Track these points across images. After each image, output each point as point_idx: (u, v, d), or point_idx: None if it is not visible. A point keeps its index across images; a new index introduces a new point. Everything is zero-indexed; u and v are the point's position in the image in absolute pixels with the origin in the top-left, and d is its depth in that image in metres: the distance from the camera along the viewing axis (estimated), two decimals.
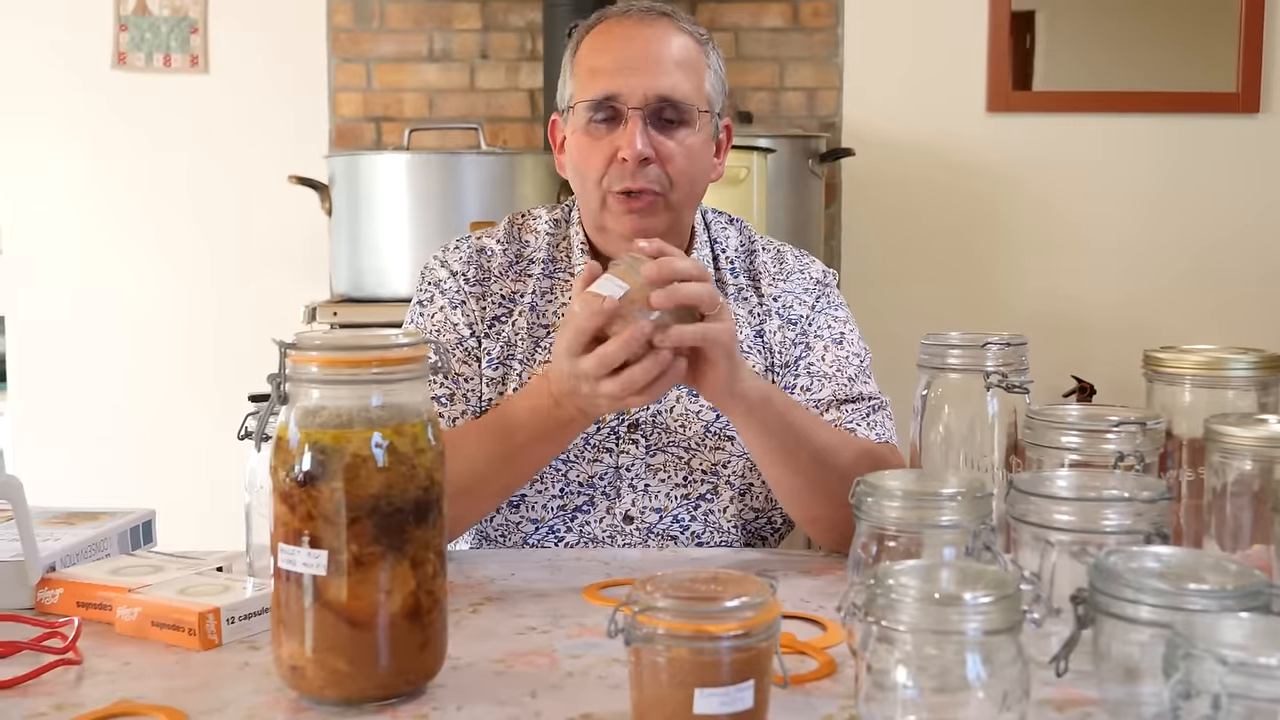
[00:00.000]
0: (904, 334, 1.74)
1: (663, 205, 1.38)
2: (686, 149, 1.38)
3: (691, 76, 1.38)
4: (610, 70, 1.37)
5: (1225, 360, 1.14)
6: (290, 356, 0.91)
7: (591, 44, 1.41)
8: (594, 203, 1.40)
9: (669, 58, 1.37)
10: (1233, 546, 1.00)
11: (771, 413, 1.25)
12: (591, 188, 1.39)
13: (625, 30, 1.39)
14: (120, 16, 3.18)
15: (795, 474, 1.29)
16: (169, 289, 3.24)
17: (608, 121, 1.37)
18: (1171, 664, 0.69)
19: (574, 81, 1.41)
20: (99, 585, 1.10)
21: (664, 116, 1.37)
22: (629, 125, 1.35)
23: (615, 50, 1.38)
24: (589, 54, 1.40)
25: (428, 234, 2.71)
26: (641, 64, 1.36)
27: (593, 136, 1.38)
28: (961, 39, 3.20)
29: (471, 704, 0.91)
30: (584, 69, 1.39)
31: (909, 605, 0.76)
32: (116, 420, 3.25)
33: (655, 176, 1.36)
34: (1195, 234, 3.24)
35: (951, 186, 3.22)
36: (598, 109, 1.37)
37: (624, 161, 1.35)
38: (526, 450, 1.26)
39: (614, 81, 1.36)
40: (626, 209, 1.37)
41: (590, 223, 1.44)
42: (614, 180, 1.37)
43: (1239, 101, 3.20)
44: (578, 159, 1.40)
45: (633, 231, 1.36)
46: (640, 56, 1.37)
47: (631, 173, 1.35)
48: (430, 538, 0.92)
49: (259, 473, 1.15)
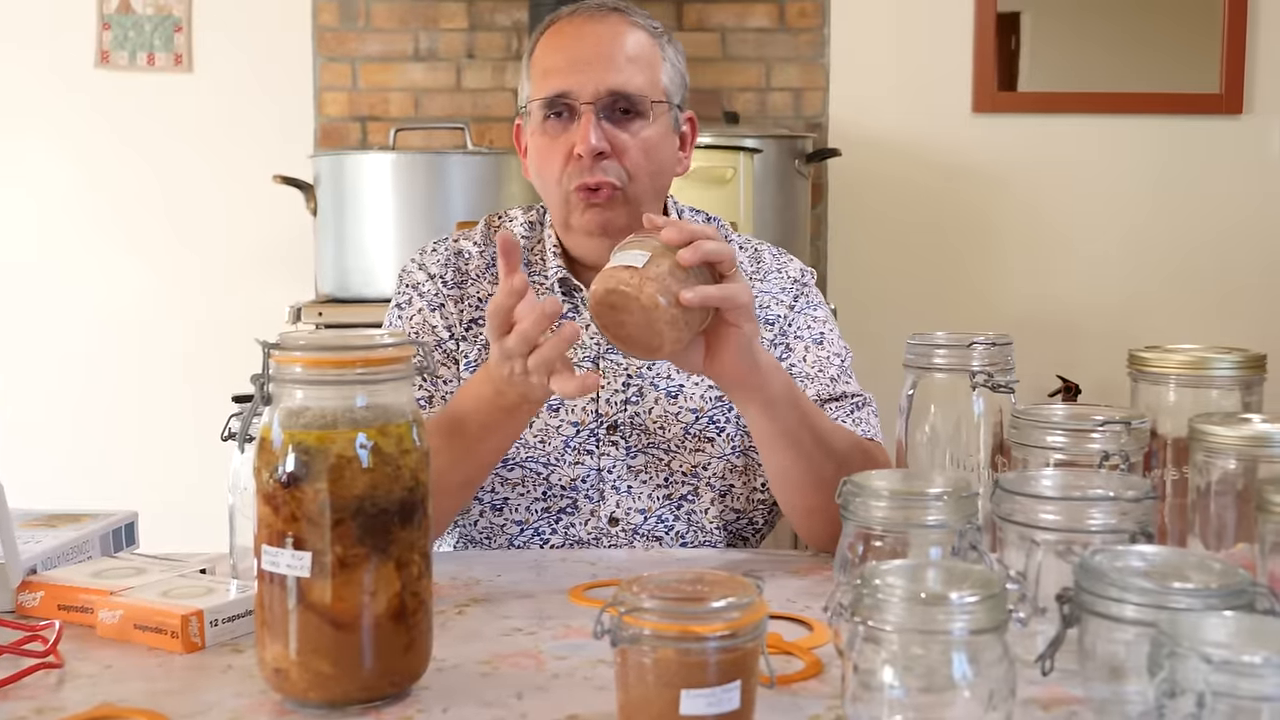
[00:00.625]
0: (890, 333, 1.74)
1: (621, 199, 1.37)
2: (642, 141, 1.37)
3: (645, 69, 1.38)
4: (562, 68, 1.37)
5: (1209, 360, 1.14)
6: (274, 357, 0.90)
7: (545, 44, 1.41)
8: (557, 201, 1.40)
9: (620, 52, 1.37)
10: (1217, 545, 1.00)
11: (784, 390, 1.24)
12: (553, 187, 1.39)
13: (576, 28, 1.40)
14: (104, 15, 3.17)
15: (800, 460, 1.27)
16: (152, 289, 3.22)
17: (561, 119, 1.37)
18: (1156, 662, 0.69)
19: (529, 83, 1.41)
20: (80, 588, 1.09)
21: (618, 109, 1.36)
22: (582, 121, 1.35)
23: (566, 49, 1.38)
24: (542, 55, 1.40)
25: (413, 234, 2.70)
26: (592, 60, 1.36)
27: (549, 135, 1.38)
28: (947, 39, 3.21)
29: (457, 706, 0.91)
30: (538, 70, 1.40)
31: (895, 605, 0.76)
32: (98, 421, 3.23)
33: (613, 171, 1.36)
34: (1179, 234, 3.25)
35: (937, 187, 3.23)
36: (550, 106, 1.37)
37: (579, 158, 1.35)
38: (478, 442, 1.26)
39: (565, 79, 1.36)
40: (586, 203, 1.36)
41: (557, 222, 1.44)
42: (572, 177, 1.36)
43: (1223, 103, 3.22)
44: (537, 159, 1.40)
45: (595, 227, 1.37)
46: (591, 53, 1.37)
47: (588, 168, 1.35)
48: (415, 539, 0.91)
49: (242, 474, 1.14)
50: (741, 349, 1.17)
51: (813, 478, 1.28)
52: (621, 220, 1.37)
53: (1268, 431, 0.99)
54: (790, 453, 1.27)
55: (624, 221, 1.37)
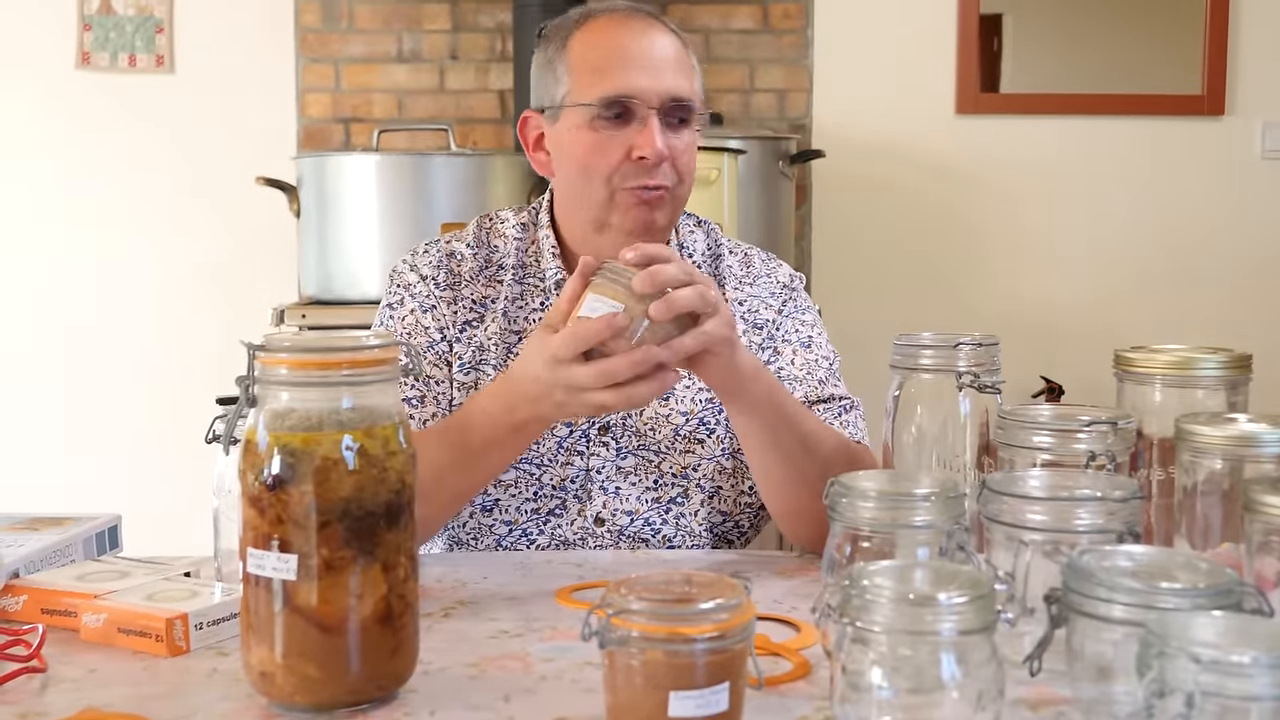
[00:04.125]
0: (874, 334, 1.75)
1: (669, 200, 1.38)
2: (688, 146, 1.39)
3: (690, 76, 1.40)
4: (620, 68, 1.36)
5: (1195, 360, 1.15)
6: (259, 358, 0.90)
7: (589, 41, 1.39)
8: (599, 199, 1.37)
9: (672, 58, 1.38)
10: (1203, 545, 1.01)
11: (766, 394, 1.25)
12: (599, 185, 1.37)
13: (624, 29, 1.38)
14: (84, 16, 3.15)
15: (783, 460, 1.28)
16: (134, 290, 3.21)
17: (619, 120, 1.36)
18: (1145, 662, 0.69)
19: (571, 79, 1.38)
20: (64, 591, 1.08)
21: (674, 116, 1.37)
22: (647, 125, 1.35)
23: (621, 49, 1.37)
24: (588, 50, 1.38)
25: (397, 236, 2.70)
26: (651, 64, 1.36)
27: (601, 134, 1.36)
28: (930, 41, 3.22)
29: (444, 709, 0.90)
30: (586, 66, 1.37)
31: (883, 606, 0.76)
32: (81, 424, 3.21)
33: (668, 174, 1.37)
34: (1161, 235, 3.27)
35: (921, 188, 3.24)
36: (611, 106, 1.35)
37: (640, 160, 1.35)
38: (481, 456, 1.25)
39: (629, 80, 1.35)
40: (638, 201, 1.36)
41: (588, 219, 1.40)
42: (627, 177, 1.36)
43: (1204, 104, 3.24)
44: (585, 155, 1.37)
45: (640, 226, 1.37)
46: (649, 56, 1.37)
47: (649, 170, 1.35)
48: (402, 541, 0.91)
49: (227, 476, 1.14)
50: (721, 365, 1.19)
51: (796, 478, 1.28)
52: (665, 220, 1.39)
53: (1253, 431, 0.99)
54: (773, 453, 1.28)
55: (666, 221, 1.39)
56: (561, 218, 1.47)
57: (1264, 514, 0.88)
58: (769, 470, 1.30)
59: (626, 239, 1.37)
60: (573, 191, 1.41)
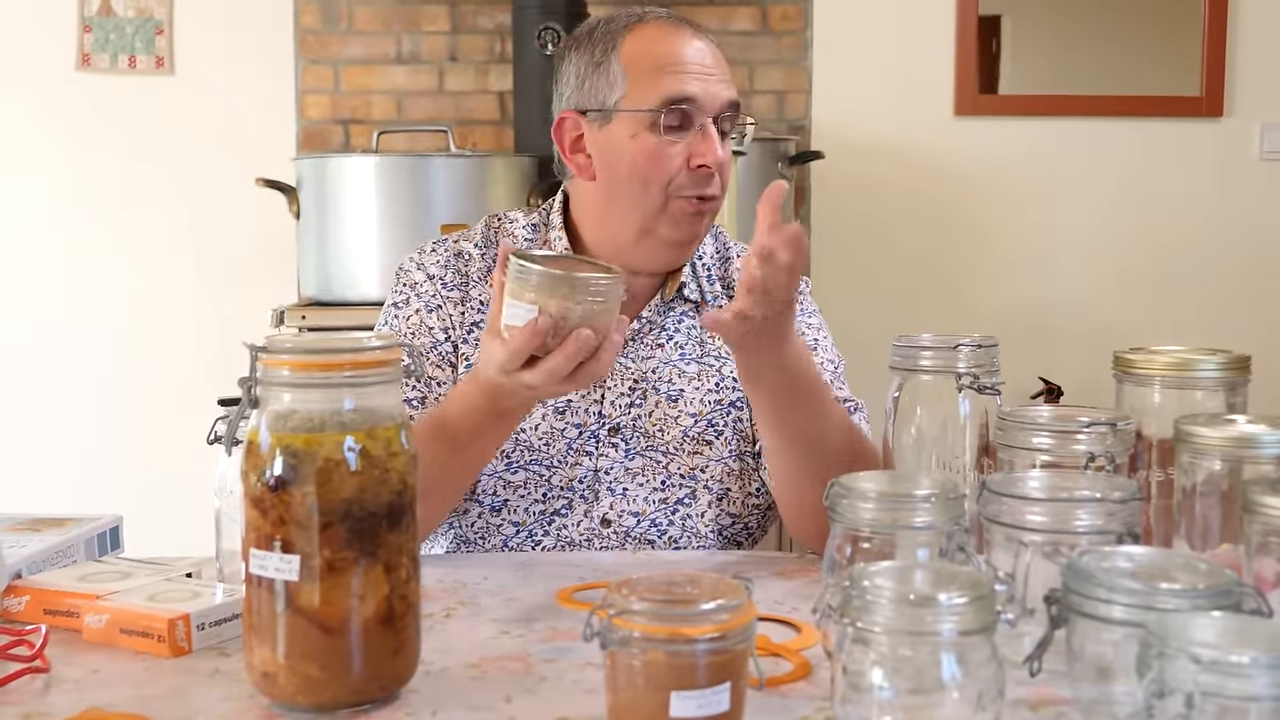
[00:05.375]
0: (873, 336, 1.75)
1: (713, 211, 1.40)
2: (729, 158, 1.39)
3: (732, 85, 1.40)
4: (680, 73, 1.35)
5: (1194, 361, 1.15)
6: (261, 359, 0.90)
7: (641, 44, 1.37)
8: (653, 207, 1.36)
9: (722, 66, 1.38)
10: (1202, 546, 1.01)
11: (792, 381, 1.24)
12: (656, 192, 1.35)
13: (678, 35, 1.37)
14: (84, 18, 3.15)
15: (798, 452, 1.28)
16: (134, 292, 3.21)
17: (678, 127, 1.35)
18: (1145, 663, 0.69)
19: (628, 81, 1.36)
20: (66, 592, 1.08)
21: (726, 124, 1.37)
22: (707, 132, 1.35)
23: (678, 53, 1.36)
24: (643, 55, 1.36)
25: (397, 237, 2.70)
26: (705, 70, 1.36)
27: (663, 139, 1.35)
28: (929, 43, 3.22)
29: (446, 709, 0.90)
30: (643, 67, 1.35)
31: (884, 607, 0.76)
32: (82, 425, 3.21)
33: (717, 183, 1.37)
34: (1159, 237, 3.27)
35: (920, 189, 3.24)
36: (671, 112, 1.34)
37: (699, 169, 1.34)
38: (467, 448, 1.25)
39: (692, 84, 1.34)
40: (694, 211, 1.37)
41: (633, 226, 1.38)
42: (685, 185, 1.35)
43: (1203, 106, 3.24)
44: (645, 162, 1.35)
45: (691, 236, 1.39)
46: (703, 63, 1.36)
47: (708, 178, 1.36)
48: (403, 542, 0.91)
49: (229, 477, 1.14)
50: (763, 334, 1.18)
51: (805, 471, 1.28)
52: (705, 233, 1.42)
53: (1252, 433, 1.00)
54: (789, 445, 1.28)
55: (705, 234, 1.42)
56: (588, 221, 1.44)
57: (1263, 515, 0.88)
58: (784, 462, 1.30)
59: (668, 250, 1.39)
60: (617, 196, 1.38)
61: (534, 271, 1.08)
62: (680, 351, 1.45)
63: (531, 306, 1.09)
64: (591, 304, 1.09)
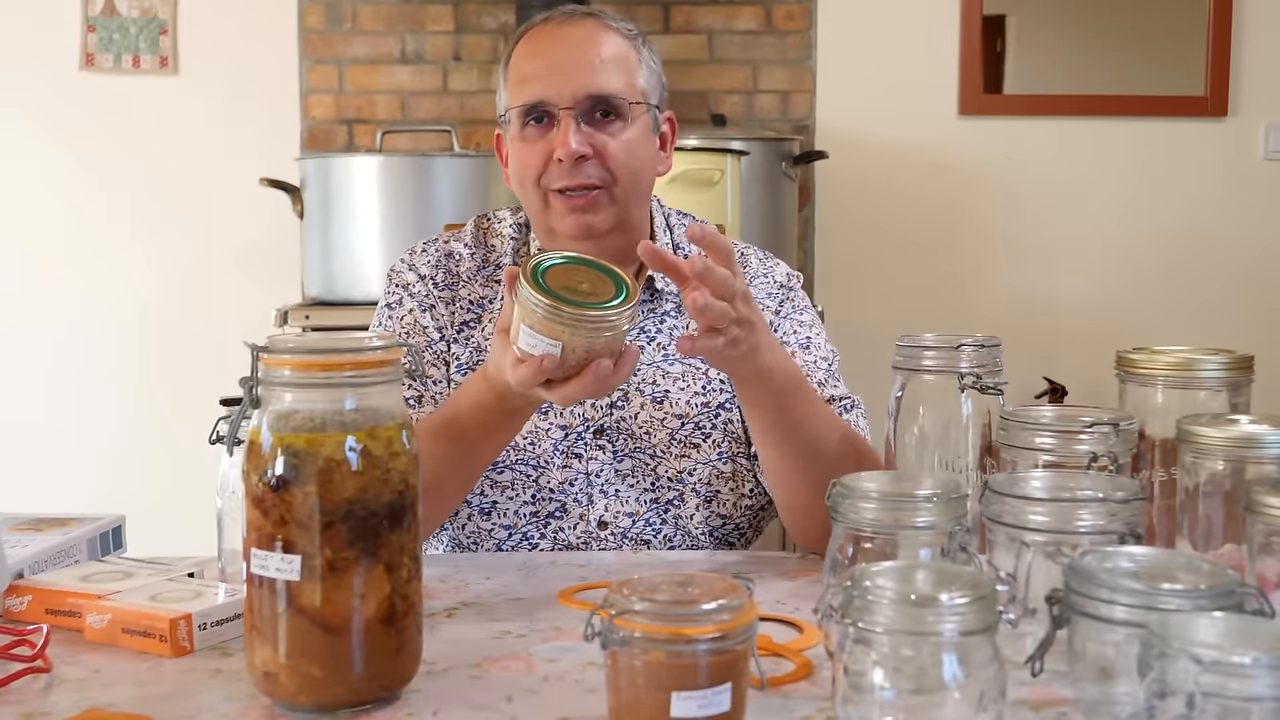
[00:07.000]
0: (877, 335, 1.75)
1: (607, 199, 1.38)
2: (623, 143, 1.38)
3: (621, 71, 1.39)
4: (539, 75, 1.37)
5: (1197, 361, 1.15)
6: (263, 359, 0.90)
7: (520, 52, 1.41)
8: (537, 205, 1.40)
9: (596, 55, 1.38)
10: (1205, 546, 1.01)
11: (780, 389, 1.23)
12: (531, 189, 1.39)
13: (550, 34, 1.40)
14: (88, 17, 3.16)
15: (787, 453, 1.28)
16: (138, 291, 3.21)
17: (540, 125, 1.38)
18: (1146, 663, 0.69)
19: (507, 91, 1.42)
20: (68, 592, 1.08)
21: (596, 112, 1.37)
22: (561, 125, 1.36)
23: (542, 55, 1.39)
24: (518, 62, 1.40)
25: (400, 237, 2.70)
26: (569, 65, 1.37)
27: (528, 141, 1.38)
28: (933, 42, 3.22)
29: (447, 709, 0.90)
30: (515, 78, 1.40)
31: (885, 607, 0.76)
32: (84, 424, 3.22)
33: (595, 172, 1.36)
34: (1164, 236, 3.27)
35: (924, 189, 3.24)
36: (529, 113, 1.37)
37: (559, 161, 1.35)
38: (477, 445, 1.26)
39: (543, 86, 1.37)
40: (569, 207, 1.37)
41: (538, 227, 1.44)
42: (552, 179, 1.37)
43: (1207, 105, 3.24)
44: (517, 165, 1.40)
45: (579, 231, 1.37)
46: (566, 58, 1.37)
47: (569, 170, 1.36)
48: (405, 542, 0.91)
49: (231, 477, 1.14)
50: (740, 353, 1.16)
51: (803, 475, 1.28)
52: (607, 224, 1.37)
53: (1255, 433, 0.99)
54: (778, 448, 1.28)
55: (610, 223, 1.38)
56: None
57: (1266, 515, 0.88)
58: (776, 465, 1.30)
59: (576, 245, 1.38)
60: (522, 199, 1.43)
61: (542, 305, 1.05)
62: (663, 353, 1.45)
63: (546, 340, 1.07)
64: (605, 336, 1.07)
